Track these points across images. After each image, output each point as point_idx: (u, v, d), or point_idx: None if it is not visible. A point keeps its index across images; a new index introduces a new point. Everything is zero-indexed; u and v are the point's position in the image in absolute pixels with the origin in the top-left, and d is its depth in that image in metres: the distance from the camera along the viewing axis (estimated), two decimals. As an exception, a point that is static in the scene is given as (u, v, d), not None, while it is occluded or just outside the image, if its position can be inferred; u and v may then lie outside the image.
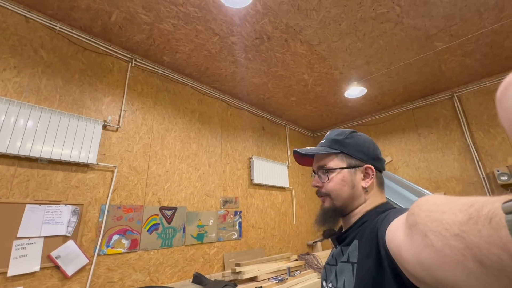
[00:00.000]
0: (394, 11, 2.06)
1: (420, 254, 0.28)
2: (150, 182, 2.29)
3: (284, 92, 3.31)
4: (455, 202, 0.25)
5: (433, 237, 0.26)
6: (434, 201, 0.29)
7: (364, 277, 0.50)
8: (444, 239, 0.24)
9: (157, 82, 2.60)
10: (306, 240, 3.84)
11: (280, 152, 3.95)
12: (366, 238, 0.54)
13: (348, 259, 0.57)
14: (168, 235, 2.29)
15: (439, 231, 0.25)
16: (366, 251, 0.52)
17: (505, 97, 0.14)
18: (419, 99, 3.66)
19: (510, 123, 0.13)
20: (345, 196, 0.65)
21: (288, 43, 2.40)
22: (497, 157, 2.91)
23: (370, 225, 0.55)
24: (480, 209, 0.21)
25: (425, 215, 0.28)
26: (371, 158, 0.66)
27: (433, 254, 0.26)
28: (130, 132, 2.27)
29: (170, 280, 2.20)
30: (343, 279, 0.56)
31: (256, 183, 3.25)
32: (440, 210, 0.27)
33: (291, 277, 2.33)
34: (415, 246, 0.30)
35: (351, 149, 0.67)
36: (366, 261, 0.51)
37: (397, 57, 2.68)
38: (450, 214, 0.25)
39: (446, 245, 0.24)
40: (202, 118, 2.93)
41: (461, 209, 0.24)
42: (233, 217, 2.90)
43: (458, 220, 0.23)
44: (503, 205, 0.19)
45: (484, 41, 2.49)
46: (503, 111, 0.15)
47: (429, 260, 0.27)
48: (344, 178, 0.65)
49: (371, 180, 0.65)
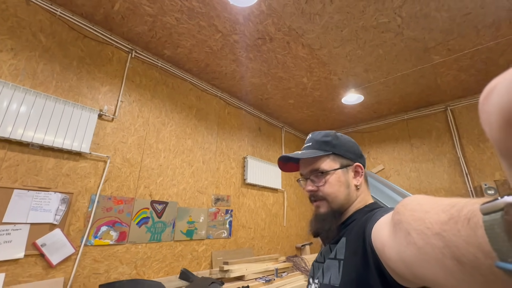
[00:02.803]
0: (395, 21, 2.10)
1: (403, 251, 0.29)
2: (142, 175, 2.27)
3: (283, 94, 3.33)
4: (438, 202, 0.26)
5: (416, 235, 0.27)
6: (419, 201, 0.30)
7: (350, 273, 0.51)
8: (426, 237, 0.25)
9: (156, 75, 2.59)
10: (295, 243, 3.86)
11: (275, 154, 3.96)
12: (353, 236, 0.55)
13: (335, 256, 0.58)
14: (158, 230, 2.27)
15: (422, 230, 0.26)
16: (353, 248, 0.53)
17: (487, 101, 0.15)
18: (413, 110, 3.73)
19: (490, 126, 0.14)
20: (342, 197, 0.65)
21: (289, 46, 2.42)
22: (485, 171, 2.99)
23: (358, 223, 0.56)
24: (460, 209, 0.22)
25: (409, 214, 0.29)
26: (358, 156, 0.69)
27: (415, 252, 0.27)
28: (125, 123, 2.25)
29: (156, 275, 2.18)
30: (329, 275, 0.57)
31: (249, 182, 3.26)
32: (423, 209, 0.27)
33: (278, 278, 2.33)
34: (398, 243, 0.31)
35: (340, 149, 0.67)
36: (352, 258, 0.52)
37: (395, 67, 2.73)
38: (432, 214, 0.25)
39: (427, 243, 0.25)
40: (199, 114, 2.92)
41: (443, 209, 0.24)
42: (224, 215, 2.90)
43: (440, 220, 0.24)
44: (481, 207, 0.20)
45: (479, 57, 2.56)
46: (484, 115, 0.15)
47: (411, 257, 0.28)
48: (340, 178, 0.65)
49: (361, 178, 0.67)
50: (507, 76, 0.13)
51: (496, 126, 0.13)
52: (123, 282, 1.68)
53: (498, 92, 0.14)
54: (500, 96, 0.13)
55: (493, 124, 0.14)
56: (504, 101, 0.13)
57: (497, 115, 0.13)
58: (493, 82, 0.15)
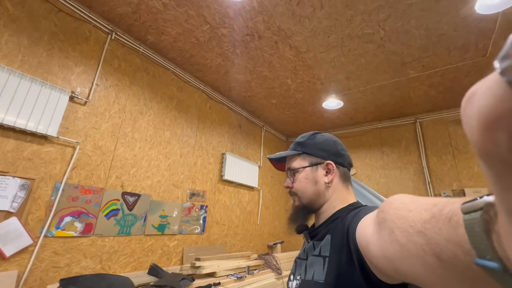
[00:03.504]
0: (378, 33, 2.21)
1: (386, 248, 0.30)
2: (115, 165, 2.15)
3: (266, 93, 3.35)
4: (421, 201, 0.27)
5: (399, 233, 0.27)
6: (402, 200, 0.31)
7: (335, 270, 0.52)
8: (409, 235, 0.26)
9: (137, 61, 2.46)
10: (267, 241, 3.90)
11: (254, 152, 3.97)
12: (338, 233, 0.56)
13: (320, 253, 0.58)
14: (127, 223, 2.16)
15: (405, 228, 0.27)
16: (338, 245, 0.53)
17: (469, 105, 0.15)
18: (387, 119, 3.95)
19: (471, 132, 0.14)
20: (309, 192, 0.68)
21: (277, 46, 2.44)
22: (445, 181, 3.26)
23: (342, 221, 0.57)
24: (442, 208, 0.23)
25: (394, 213, 0.30)
26: (332, 154, 0.69)
27: (398, 249, 0.28)
28: (99, 109, 2.11)
29: (123, 270, 2.08)
30: (313, 271, 0.57)
31: (226, 179, 3.23)
32: (407, 208, 0.28)
33: (249, 275, 2.34)
34: (382, 241, 0.32)
35: (312, 149, 0.70)
36: (337, 255, 0.53)
37: (374, 78, 2.87)
38: (415, 213, 0.26)
39: (409, 241, 0.26)
40: (180, 106, 2.84)
41: (425, 208, 0.25)
42: (198, 211, 2.84)
43: (422, 218, 0.25)
44: (462, 206, 0.20)
45: (448, 76, 2.78)
46: (466, 119, 0.15)
47: (394, 254, 0.29)
48: (307, 176, 0.69)
49: (333, 175, 0.68)
50: (486, 82, 0.14)
51: (476, 129, 0.14)
52: (87, 276, 1.58)
53: (477, 97, 0.14)
54: (479, 101, 0.14)
55: (473, 128, 0.14)
56: (483, 105, 0.13)
57: (476, 119, 0.14)
58: (474, 88, 0.15)
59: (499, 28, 2.07)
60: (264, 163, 4.18)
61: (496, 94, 0.12)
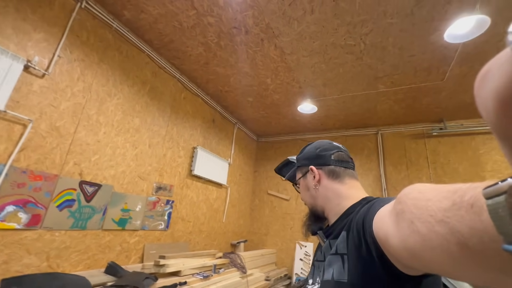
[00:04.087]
0: (359, 46, 2.33)
1: (406, 240, 0.30)
2: (74, 150, 1.90)
3: (244, 90, 3.30)
4: (440, 189, 0.27)
5: (419, 223, 0.27)
6: (420, 190, 0.30)
7: (357, 268, 0.50)
8: (429, 225, 0.25)
9: (109, 37, 2.22)
10: (231, 239, 3.86)
11: (225, 149, 3.89)
12: (353, 228, 0.54)
13: (337, 251, 0.56)
14: (84, 216, 1.93)
15: (425, 218, 0.26)
16: (355, 241, 0.51)
17: (482, 87, 0.15)
18: (353, 128, 4.22)
19: (487, 112, 0.14)
20: (307, 199, 0.75)
21: (263, 43, 2.42)
22: (398, 189, 3.59)
23: (356, 215, 0.55)
24: (463, 195, 0.22)
25: (412, 203, 0.30)
26: (312, 159, 0.73)
27: (419, 240, 0.27)
28: (60, 84, 1.85)
29: (74, 269, 1.84)
30: (331, 270, 0.55)
31: (195, 174, 3.10)
32: (425, 197, 0.28)
33: (215, 274, 2.28)
34: (402, 233, 0.31)
35: (300, 161, 0.78)
36: (356, 251, 0.51)
37: (349, 88, 3.03)
38: (435, 201, 0.26)
39: (431, 231, 0.25)
40: (153, 92, 2.64)
41: (445, 196, 0.25)
42: (164, 206, 2.68)
43: (443, 207, 0.24)
44: (484, 191, 0.20)
45: (411, 94, 3.07)
46: (480, 100, 0.15)
47: (415, 245, 0.28)
48: (303, 185, 0.76)
49: (317, 177, 0.70)
50: (499, 60, 0.14)
51: (492, 110, 0.13)
52: (36, 276, 1.35)
53: (492, 78, 0.14)
54: (494, 81, 0.13)
55: (489, 108, 0.14)
56: (497, 85, 0.13)
57: (492, 100, 0.13)
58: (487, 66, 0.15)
59: (458, 57, 2.35)
60: (234, 160, 4.13)
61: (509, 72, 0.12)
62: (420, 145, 3.68)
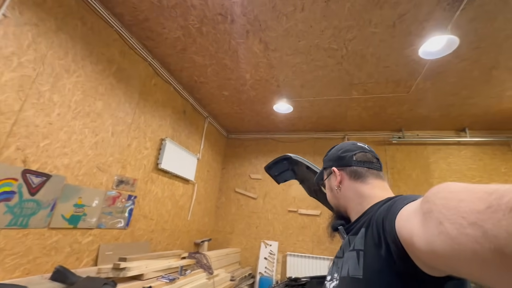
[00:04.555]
0: (341, 51, 2.39)
1: (433, 241, 0.28)
2: (18, 131, 1.57)
3: (220, 83, 3.16)
4: (474, 190, 0.26)
5: (449, 225, 0.26)
6: (451, 189, 0.29)
7: (374, 264, 0.48)
8: (460, 227, 0.24)
9: (71, 3, 1.89)
10: (194, 238, 3.67)
11: (194, 143, 3.69)
12: (373, 225, 0.53)
13: (354, 247, 0.55)
14: (26, 211, 1.61)
15: (455, 219, 0.25)
16: (374, 239, 0.50)
17: None
18: (322, 131, 4.36)
19: None
20: (331, 199, 0.76)
21: (248, 35, 2.32)
22: (360, 191, 3.82)
23: (376, 213, 0.54)
24: (500, 197, 0.22)
25: (441, 203, 0.28)
26: (334, 160, 0.75)
27: (448, 241, 0.26)
28: (3, 50, 1.50)
29: (8, 275, 1.52)
30: (347, 267, 0.54)
31: (162, 168, 2.86)
32: (457, 198, 0.27)
33: (182, 276, 2.12)
34: (429, 233, 0.30)
35: (325, 163, 0.79)
36: (374, 249, 0.49)
37: (324, 91, 3.11)
38: (468, 202, 0.25)
39: (461, 233, 0.24)
40: (120, 74, 2.35)
41: (480, 198, 0.24)
42: (125, 201, 2.40)
43: (476, 209, 0.23)
44: None
45: (379, 103, 3.27)
46: None
47: (442, 247, 0.27)
48: (328, 187, 0.77)
49: (339, 178, 0.71)
50: None
51: None
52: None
53: None
54: None
55: None
56: None
57: None
58: None
59: (424, 73, 2.56)
60: (203, 156, 3.95)
61: None
62: (381, 151, 3.97)
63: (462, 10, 1.82)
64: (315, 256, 3.68)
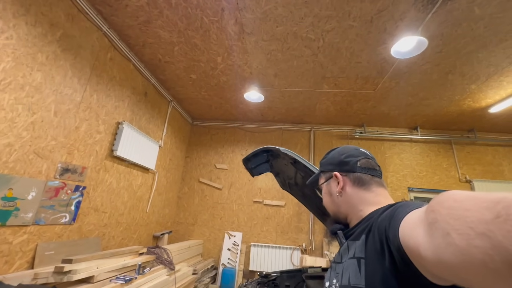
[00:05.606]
0: (318, 42, 2.34)
1: (441, 253, 0.28)
2: None
3: (188, 65, 2.90)
4: (479, 199, 0.25)
5: (456, 235, 0.25)
6: (456, 198, 0.28)
7: (377, 273, 0.47)
8: (468, 238, 0.24)
9: None
10: (153, 231, 3.42)
11: (156, 129, 3.38)
12: (374, 232, 0.51)
13: (354, 254, 0.54)
14: None
15: (463, 230, 0.25)
16: (377, 246, 0.48)
17: None
18: (290, 123, 4.37)
19: None
20: (329, 205, 0.73)
21: (223, 14, 2.12)
22: (323, 183, 3.95)
23: (378, 218, 0.53)
24: (508, 206, 0.21)
25: (447, 213, 0.28)
26: (336, 165, 0.71)
27: (456, 253, 0.25)
28: None
29: None
30: (348, 275, 0.53)
31: (117, 155, 2.54)
32: (463, 207, 0.26)
33: (140, 275, 1.91)
34: (435, 244, 0.29)
35: (324, 166, 0.76)
36: (376, 257, 0.48)
37: (297, 83, 3.06)
38: (474, 212, 0.24)
39: (470, 245, 0.23)
40: (67, 42, 1.96)
41: (487, 207, 0.23)
42: (71, 193, 2.07)
43: (484, 219, 0.23)
44: None
45: (346, 98, 3.36)
46: None
47: (451, 259, 0.26)
48: (326, 191, 0.74)
49: (342, 184, 0.68)
50: None
51: None
52: None
53: None
54: None
55: None
56: None
57: None
58: None
59: (392, 72, 2.67)
60: (166, 143, 3.65)
61: None
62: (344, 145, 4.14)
63: (434, 13, 1.90)
64: (278, 246, 3.73)
